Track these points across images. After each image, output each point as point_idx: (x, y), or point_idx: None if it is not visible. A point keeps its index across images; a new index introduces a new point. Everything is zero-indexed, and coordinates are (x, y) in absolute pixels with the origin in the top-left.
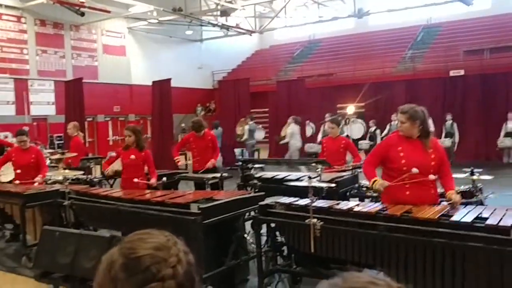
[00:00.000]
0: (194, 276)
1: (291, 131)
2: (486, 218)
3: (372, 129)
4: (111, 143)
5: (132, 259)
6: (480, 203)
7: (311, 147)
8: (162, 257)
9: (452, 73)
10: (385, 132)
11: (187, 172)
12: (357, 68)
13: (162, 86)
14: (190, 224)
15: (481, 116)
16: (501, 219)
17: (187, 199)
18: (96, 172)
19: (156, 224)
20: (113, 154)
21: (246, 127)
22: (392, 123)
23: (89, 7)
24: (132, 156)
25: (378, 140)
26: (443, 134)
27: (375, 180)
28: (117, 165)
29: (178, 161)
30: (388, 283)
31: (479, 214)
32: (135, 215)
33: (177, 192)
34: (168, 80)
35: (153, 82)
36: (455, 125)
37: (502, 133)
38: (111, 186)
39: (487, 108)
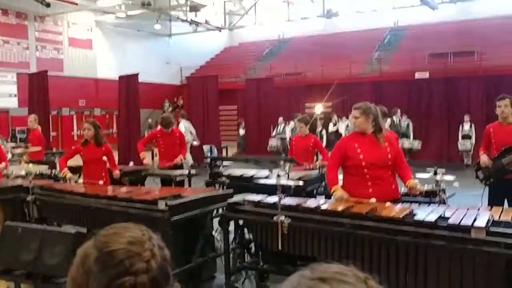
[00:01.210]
0: (169, 271)
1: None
2: (449, 217)
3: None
4: (75, 137)
5: (106, 252)
6: (443, 202)
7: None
8: (136, 251)
9: (417, 75)
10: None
11: (154, 168)
12: (325, 68)
13: (129, 81)
14: (158, 221)
15: (445, 118)
16: (463, 218)
17: (155, 196)
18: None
19: (123, 220)
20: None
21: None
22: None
23: None
24: (104, 158)
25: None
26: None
27: (335, 190)
28: (75, 162)
29: (144, 158)
30: (355, 273)
31: (442, 214)
32: (101, 211)
33: (144, 188)
34: (136, 75)
35: (120, 76)
36: (410, 126)
37: (460, 136)
38: (76, 181)
39: (450, 111)
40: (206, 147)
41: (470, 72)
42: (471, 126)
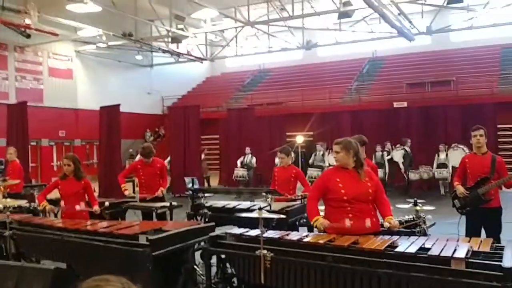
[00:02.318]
0: None
1: None
2: (429, 249)
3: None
4: (55, 168)
5: None
6: (424, 233)
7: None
8: None
9: (395, 104)
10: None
11: (136, 201)
12: (305, 98)
13: (110, 112)
14: (139, 256)
15: (423, 146)
16: (443, 249)
17: (135, 230)
18: None
19: (103, 255)
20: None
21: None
22: (317, 152)
23: (36, 29)
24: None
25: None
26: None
27: (316, 219)
28: (54, 195)
29: (125, 190)
30: None
31: (422, 245)
32: (81, 246)
33: (124, 222)
34: (117, 105)
35: (101, 107)
36: (385, 156)
37: (435, 165)
38: (56, 215)
39: (428, 139)
40: (187, 179)
41: (447, 101)
42: (447, 155)
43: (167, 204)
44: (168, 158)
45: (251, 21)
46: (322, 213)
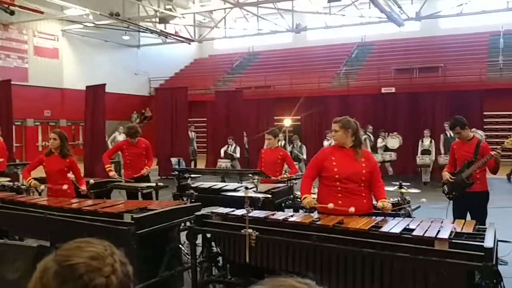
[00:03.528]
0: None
1: None
2: (413, 229)
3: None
4: (40, 148)
5: (65, 266)
6: (408, 215)
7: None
8: (97, 266)
9: (384, 90)
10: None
11: (121, 181)
12: (294, 81)
13: (96, 91)
14: (123, 234)
15: (410, 132)
16: (427, 230)
17: (120, 209)
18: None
19: (88, 234)
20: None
21: None
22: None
23: (20, 6)
24: (71, 175)
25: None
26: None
27: (305, 197)
28: (40, 175)
29: (110, 170)
30: (310, 286)
31: (406, 226)
32: (65, 225)
33: (109, 201)
34: (103, 85)
35: (87, 87)
36: (368, 141)
37: (418, 151)
38: (40, 193)
39: (415, 125)
40: (174, 160)
41: (434, 87)
42: (431, 142)
43: (153, 184)
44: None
45: (240, 2)
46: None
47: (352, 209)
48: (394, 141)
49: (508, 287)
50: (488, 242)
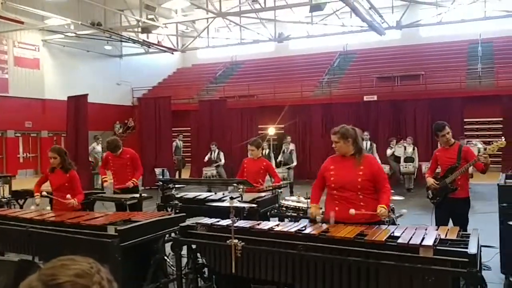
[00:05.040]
0: None
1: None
2: (398, 237)
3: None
4: (21, 160)
5: (52, 286)
6: (392, 222)
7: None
8: (84, 284)
9: (366, 98)
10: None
11: (104, 192)
12: (277, 90)
13: (78, 102)
14: (107, 247)
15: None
16: (411, 237)
17: (104, 221)
18: (4, 191)
19: (71, 247)
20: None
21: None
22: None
23: (0, 16)
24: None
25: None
26: None
27: (310, 206)
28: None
29: (105, 181)
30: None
31: (391, 233)
32: (47, 238)
33: (93, 213)
34: (85, 95)
35: (69, 97)
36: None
37: (402, 159)
38: (21, 206)
39: (397, 133)
40: (158, 170)
41: (415, 95)
42: (414, 149)
43: (137, 195)
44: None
45: (223, 12)
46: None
47: (352, 211)
48: (401, 150)
49: None
50: (472, 248)
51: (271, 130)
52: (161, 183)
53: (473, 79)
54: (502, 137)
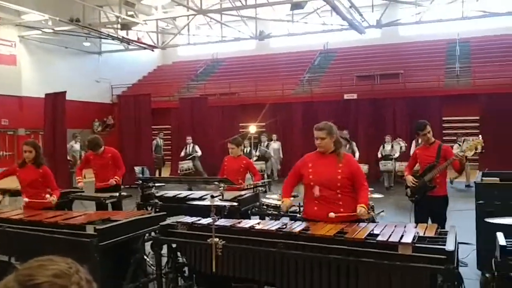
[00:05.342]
0: None
1: None
2: (378, 235)
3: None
4: None
5: (29, 286)
6: (372, 220)
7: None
8: (62, 284)
9: (346, 96)
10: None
11: (83, 191)
12: (258, 88)
13: (56, 99)
14: (86, 247)
15: (372, 138)
16: (390, 235)
17: (82, 220)
18: None
19: (49, 247)
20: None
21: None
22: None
23: None
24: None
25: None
26: None
27: (283, 200)
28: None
29: (79, 182)
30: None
31: (371, 231)
32: (25, 238)
33: (71, 212)
34: (63, 93)
35: (46, 94)
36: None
37: (381, 156)
38: None
39: (377, 131)
40: (137, 168)
41: (395, 93)
42: (392, 147)
43: (116, 194)
44: None
45: (203, 9)
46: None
47: (331, 214)
48: (395, 148)
49: None
50: (450, 246)
51: (252, 128)
52: (140, 181)
53: (451, 78)
54: (479, 136)
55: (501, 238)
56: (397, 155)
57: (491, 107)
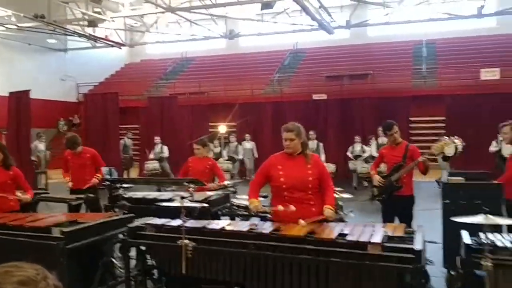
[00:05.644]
0: None
1: None
2: (347, 234)
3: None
4: None
5: None
6: (341, 220)
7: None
8: None
9: (315, 97)
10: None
11: (48, 193)
12: (228, 88)
13: (20, 98)
14: (52, 250)
15: (341, 138)
16: (360, 235)
17: (48, 223)
18: None
19: (13, 250)
20: None
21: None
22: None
23: None
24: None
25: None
26: None
27: (251, 202)
28: None
29: (68, 182)
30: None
31: (341, 231)
32: None
33: (37, 215)
34: (27, 91)
35: (10, 93)
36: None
37: (351, 156)
38: None
39: (346, 131)
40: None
41: (363, 94)
42: (361, 147)
43: (82, 196)
44: None
45: (172, 7)
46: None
47: (301, 222)
48: (450, 147)
49: (435, 286)
50: (418, 245)
51: (222, 128)
52: (108, 182)
53: (418, 79)
54: (445, 137)
55: (466, 237)
56: (366, 155)
57: (457, 108)
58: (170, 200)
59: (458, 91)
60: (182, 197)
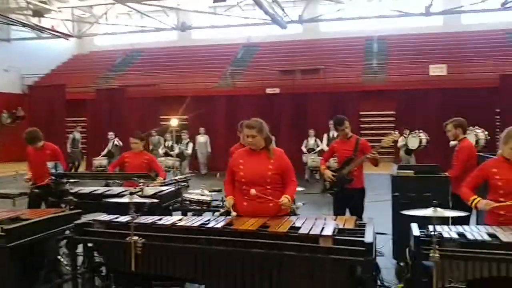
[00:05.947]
0: None
1: None
2: (299, 228)
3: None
4: None
5: None
6: (293, 213)
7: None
8: None
9: (268, 91)
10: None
11: None
12: (180, 80)
13: None
14: None
15: (294, 132)
16: (311, 228)
17: None
18: None
19: None
20: None
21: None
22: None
23: None
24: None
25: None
26: None
27: (226, 199)
28: None
29: (28, 179)
30: None
31: (293, 224)
32: None
33: None
34: None
35: None
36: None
37: (305, 150)
38: None
39: (299, 125)
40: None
41: (316, 89)
42: (315, 141)
43: (27, 191)
44: None
45: None
46: None
47: (252, 191)
48: (414, 140)
49: (385, 277)
50: (368, 237)
51: (174, 121)
52: (53, 177)
53: (369, 74)
54: (396, 131)
55: (415, 229)
56: (319, 148)
57: (406, 103)
58: (118, 195)
59: (408, 87)
60: (132, 193)
